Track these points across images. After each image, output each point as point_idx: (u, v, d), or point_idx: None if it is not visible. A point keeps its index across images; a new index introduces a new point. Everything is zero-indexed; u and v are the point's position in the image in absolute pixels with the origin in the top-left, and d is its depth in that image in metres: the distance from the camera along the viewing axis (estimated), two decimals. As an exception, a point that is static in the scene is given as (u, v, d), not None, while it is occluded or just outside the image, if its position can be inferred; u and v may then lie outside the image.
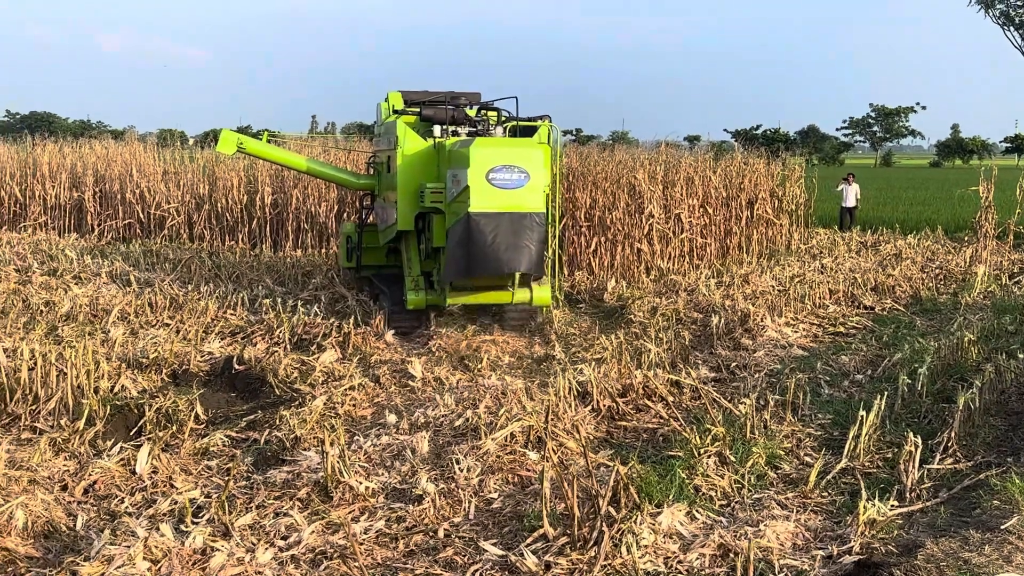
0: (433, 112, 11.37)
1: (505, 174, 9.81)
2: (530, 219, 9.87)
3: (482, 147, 9.96)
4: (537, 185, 9.95)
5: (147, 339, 10.21)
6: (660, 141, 21.29)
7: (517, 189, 9.82)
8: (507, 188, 9.80)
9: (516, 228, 9.81)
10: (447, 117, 11.31)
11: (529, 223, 9.86)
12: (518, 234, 9.80)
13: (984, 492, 6.25)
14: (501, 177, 9.80)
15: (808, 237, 21.59)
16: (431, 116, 11.33)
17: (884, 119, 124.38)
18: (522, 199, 9.86)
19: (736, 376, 9.61)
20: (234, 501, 5.99)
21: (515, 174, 9.84)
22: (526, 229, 9.83)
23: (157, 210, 20.22)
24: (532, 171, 9.92)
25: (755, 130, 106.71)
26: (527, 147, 10.23)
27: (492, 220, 9.78)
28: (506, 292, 10.65)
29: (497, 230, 9.77)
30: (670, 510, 5.72)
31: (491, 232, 9.76)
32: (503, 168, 9.81)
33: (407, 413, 7.85)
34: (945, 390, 8.63)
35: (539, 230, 9.92)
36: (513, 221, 9.81)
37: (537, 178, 9.96)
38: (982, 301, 14.12)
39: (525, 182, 9.86)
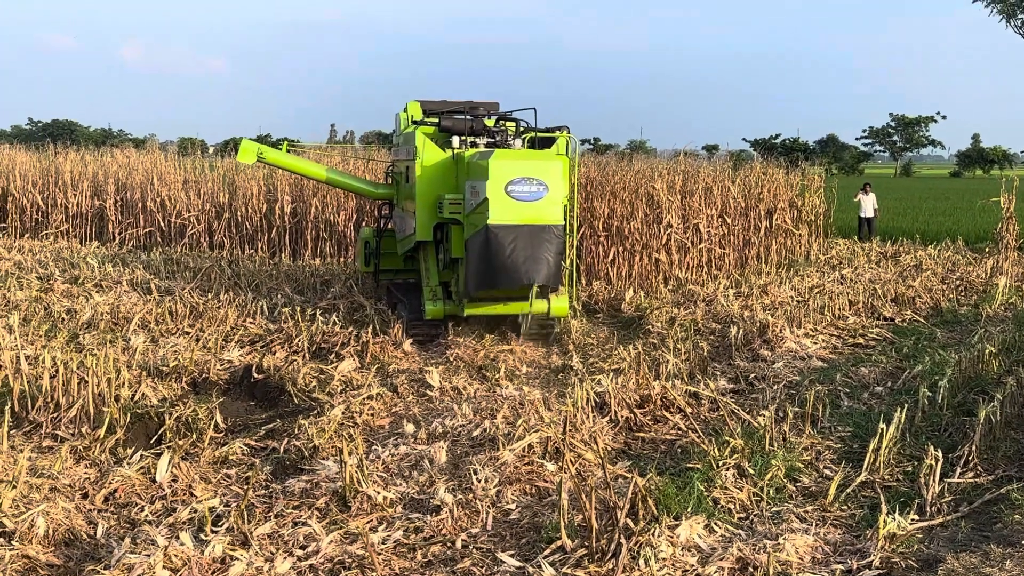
0: (452, 123, 11.37)
1: (524, 186, 9.86)
2: (549, 231, 9.93)
3: (501, 159, 10.00)
4: (555, 197, 10.00)
5: (167, 347, 10.27)
6: (678, 151, 21.30)
7: (536, 201, 9.89)
8: (526, 200, 9.86)
9: (534, 240, 9.86)
10: (466, 128, 11.31)
11: (548, 235, 9.91)
12: (536, 246, 9.85)
13: (1005, 506, 6.20)
14: (520, 189, 9.85)
15: (827, 247, 21.51)
16: (450, 127, 11.34)
17: (904, 129, 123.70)
18: (541, 211, 9.92)
19: (755, 387, 9.57)
20: (253, 510, 6.02)
21: (534, 186, 9.89)
22: (544, 241, 9.88)
23: (177, 218, 20.37)
24: (551, 183, 9.98)
25: (774, 139, 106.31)
26: (545, 159, 10.28)
27: (511, 232, 9.83)
28: (524, 303, 10.65)
29: (516, 242, 9.81)
30: (688, 523, 5.70)
31: (510, 244, 9.81)
32: (522, 180, 9.85)
33: (425, 423, 7.87)
34: (966, 403, 8.57)
35: (557, 242, 9.98)
36: (532, 233, 9.87)
37: (556, 190, 10.01)
38: (1003, 313, 14.01)
39: (544, 194, 9.93)
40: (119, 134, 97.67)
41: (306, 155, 18.23)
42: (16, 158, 23.71)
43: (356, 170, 19.59)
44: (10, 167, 22.65)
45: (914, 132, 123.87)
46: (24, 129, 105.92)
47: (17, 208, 21.95)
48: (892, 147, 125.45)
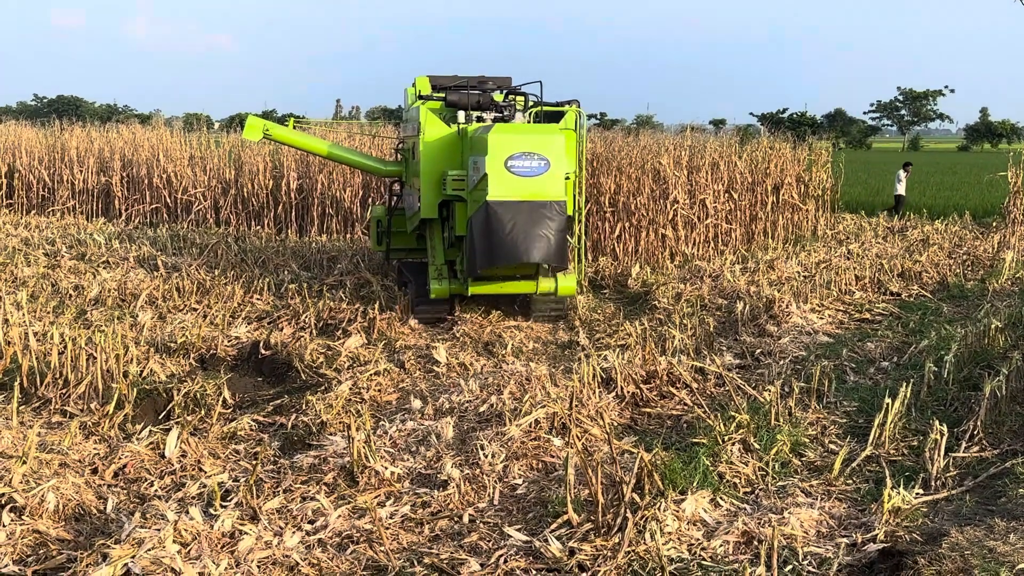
0: (458, 97, 11.17)
1: (524, 161, 9.68)
2: (550, 207, 9.69)
3: (501, 133, 9.82)
4: (557, 173, 9.80)
5: (175, 323, 10.31)
6: (685, 125, 21.21)
7: (537, 177, 9.71)
8: (526, 176, 9.69)
9: (535, 217, 9.64)
10: (472, 102, 11.15)
11: (549, 212, 9.68)
12: (537, 223, 9.64)
13: (1010, 480, 6.22)
14: (520, 164, 9.67)
15: (834, 222, 21.44)
16: (456, 102, 11.18)
17: (912, 102, 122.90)
18: (542, 187, 9.73)
19: (761, 363, 9.59)
20: (262, 485, 6.07)
21: (535, 161, 9.72)
22: (545, 218, 9.66)
23: (184, 195, 20.39)
24: (552, 158, 9.77)
25: (781, 114, 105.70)
26: (547, 133, 10.06)
27: (510, 209, 9.63)
28: (530, 282, 10.57)
29: (516, 219, 9.60)
30: (694, 497, 5.74)
31: (509, 221, 9.60)
32: (522, 155, 9.68)
33: (432, 399, 7.90)
34: (971, 378, 8.57)
35: (559, 219, 9.74)
36: (532, 210, 9.64)
37: (558, 165, 9.80)
38: (1010, 288, 13.97)
39: (545, 170, 9.74)
40: (124, 110, 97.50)
41: (311, 131, 18.19)
42: (22, 135, 23.71)
43: (362, 146, 19.56)
44: (16, 144, 22.67)
45: (922, 106, 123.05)
46: (29, 105, 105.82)
47: (23, 185, 21.98)
48: (900, 121, 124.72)
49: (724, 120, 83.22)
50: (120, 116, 67.39)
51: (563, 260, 10.02)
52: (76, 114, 58.40)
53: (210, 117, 62.00)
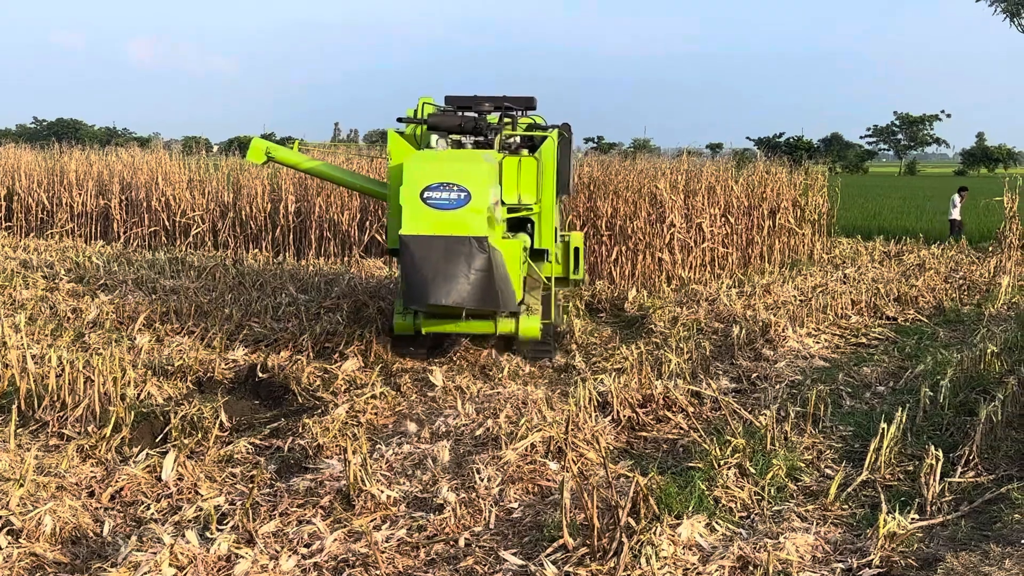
0: (438, 120, 10.21)
1: (442, 193, 8.73)
2: (467, 244, 8.64)
3: (417, 161, 9.01)
4: (479, 205, 8.72)
5: (172, 346, 10.32)
6: (682, 149, 21.33)
7: (455, 210, 8.71)
8: (443, 208, 8.72)
9: (450, 255, 8.64)
10: (451, 125, 10.20)
11: (465, 249, 8.63)
12: (452, 262, 8.63)
13: (1005, 506, 6.24)
14: (437, 196, 8.73)
15: (831, 246, 21.52)
16: (436, 124, 10.17)
17: (908, 127, 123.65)
18: (460, 221, 8.70)
19: (757, 387, 9.61)
20: (258, 508, 6.07)
21: (453, 193, 8.73)
22: (462, 256, 8.63)
23: (182, 218, 20.43)
24: (474, 189, 8.74)
25: (778, 138, 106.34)
26: (469, 162, 9.06)
27: (423, 245, 8.69)
28: (487, 322, 9.74)
29: (428, 256, 8.66)
30: (689, 522, 5.74)
31: (422, 258, 8.67)
32: (440, 186, 8.72)
33: (428, 422, 7.92)
34: (967, 403, 8.60)
35: (479, 257, 8.65)
36: (447, 246, 8.65)
37: (480, 197, 8.73)
38: (1006, 312, 14.02)
39: (465, 202, 8.72)
40: (123, 133, 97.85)
41: (311, 154, 18.27)
42: (21, 157, 23.78)
43: (360, 169, 19.65)
44: (15, 166, 22.73)
45: (918, 130, 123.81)
46: (29, 128, 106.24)
47: (22, 207, 22.02)
48: (896, 145, 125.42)
49: (721, 144, 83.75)
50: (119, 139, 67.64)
51: (489, 303, 8.94)
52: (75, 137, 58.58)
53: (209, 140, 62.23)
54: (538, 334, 10.04)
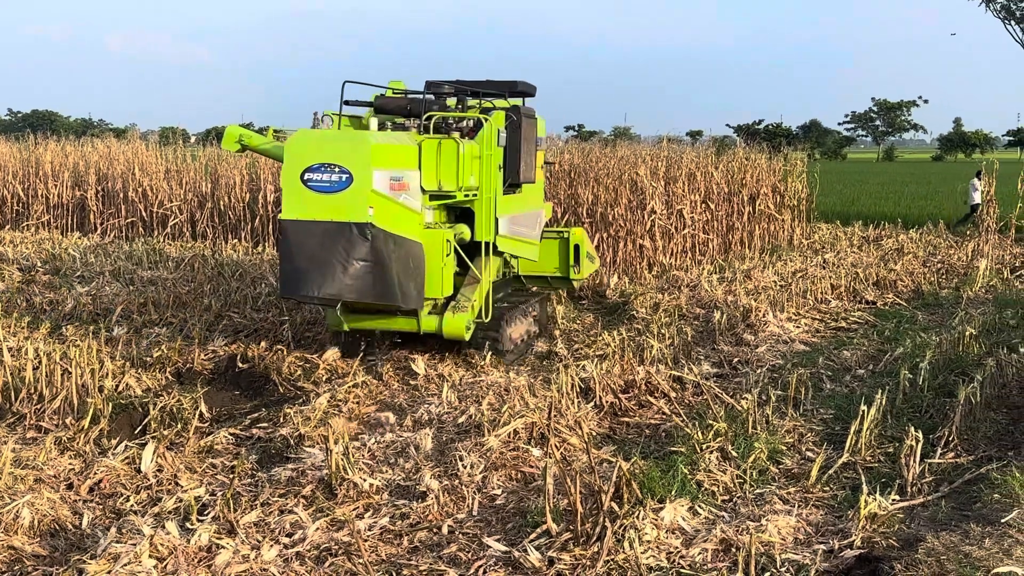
0: (384, 102, 9.69)
1: (322, 174, 8.15)
2: (348, 231, 8.07)
3: (298, 141, 8.43)
4: (362, 188, 8.11)
5: (151, 338, 10.25)
6: (662, 136, 21.33)
7: (336, 193, 8.11)
8: (323, 192, 8.15)
9: (329, 242, 8.10)
10: (397, 107, 9.62)
11: (348, 236, 8.07)
12: (330, 250, 8.08)
13: (985, 486, 6.28)
14: (317, 178, 8.16)
15: (810, 232, 21.62)
16: (381, 107, 9.69)
17: (886, 113, 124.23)
18: (341, 205, 8.11)
19: (738, 371, 9.64)
20: (239, 499, 6.03)
21: (334, 175, 8.13)
22: (342, 244, 8.08)
23: (159, 208, 20.28)
24: (356, 171, 8.10)
25: (757, 125, 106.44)
26: (351, 141, 8.43)
27: (302, 230, 8.17)
28: (410, 319, 9.13)
29: (306, 243, 8.15)
30: (672, 505, 5.75)
31: (300, 245, 8.17)
32: (320, 167, 8.14)
33: (410, 410, 7.89)
34: (946, 384, 8.66)
35: (361, 245, 8.09)
36: (326, 233, 8.10)
37: (363, 180, 8.11)
38: (983, 295, 14.13)
39: (347, 184, 8.11)
40: (100, 124, 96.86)
41: (288, 144, 18.13)
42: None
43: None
44: (-10, 159, 22.48)
45: (896, 116, 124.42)
46: (3, 120, 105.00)
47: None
48: (874, 132, 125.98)
49: (701, 131, 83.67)
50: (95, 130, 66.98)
51: (375, 296, 8.38)
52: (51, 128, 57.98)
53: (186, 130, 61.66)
54: (463, 333, 9.19)
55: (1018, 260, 17.88)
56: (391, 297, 8.44)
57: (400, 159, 8.63)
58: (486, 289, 9.55)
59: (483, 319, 9.41)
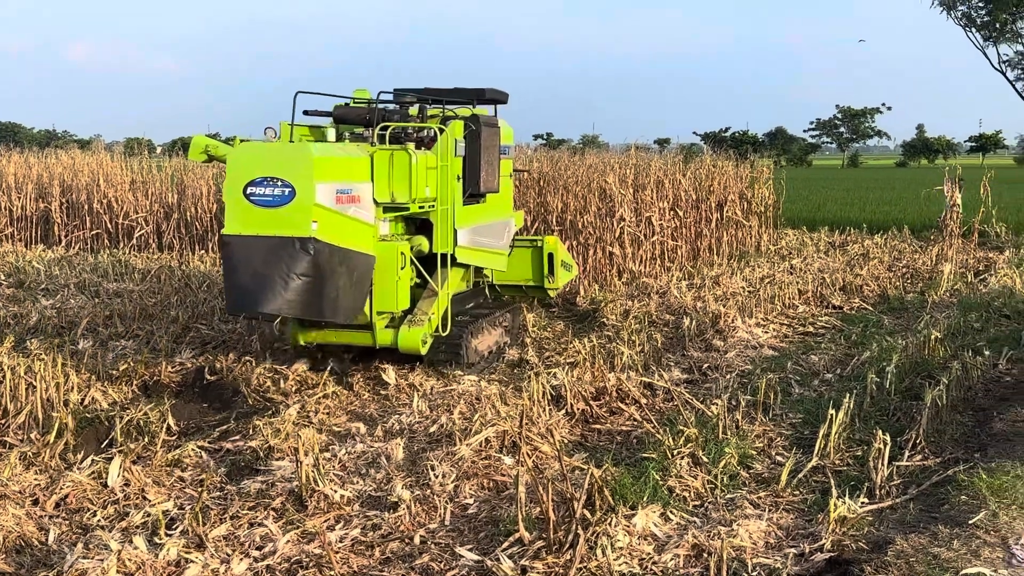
0: (343, 112, 9.55)
1: (265, 188, 7.96)
2: (291, 246, 7.89)
3: (240, 153, 8.28)
4: (305, 202, 7.94)
5: (117, 350, 10.13)
6: (630, 144, 21.44)
7: (279, 208, 7.94)
8: (265, 206, 7.97)
9: (271, 257, 7.89)
10: (356, 117, 9.49)
11: (289, 251, 7.89)
12: (273, 265, 7.88)
13: (952, 488, 6.35)
14: (260, 192, 7.97)
15: (777, 238, 21.80)
16: (340, 116, 9.57)
17: (850, 120, 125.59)
18: (284, 220, 7.94)
19: (708, 377, 9.69)
20: (208, 512, 5.96)
21: (277, 188, 7.94)
22: (284, 259, 7.88)
23: (125, 220, 20.07)
24: (299, 184, 7.93)
25: (724, 132, 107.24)
26: (294, 152, 8.18)
27: (245, 246, 7.98)
28: (365, 333, 9.01)
29: (249, 258, 7.96)
30: (644, 512, 5.76)
31: (242, 261, 7.99)
32: (263, 181, 7.95)
33: (381, 420, 7.86)
34: (913, 388, 8.76)
35: (304, 260, 7.91)
36: (269, 248, 7.90)
37: (306, 193, 7.94)
38: (948, 299, 14.31)
39: (290, 199, 7.93)
40: (64, 135, 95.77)
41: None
42: (-43, 161, 23.17)
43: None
44: (-50, 170, 22.13)
45: (860, 123, 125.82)
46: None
47: (-41, 212, 21.45)
48: (839, 138, 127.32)
49: (668, 139, 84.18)
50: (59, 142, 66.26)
51: (318, 312, 8.23)
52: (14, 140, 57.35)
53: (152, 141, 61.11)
54: (419, 347, 8.99)
55: (982, 264, 18.13)
56: (333, 313, 8.34)
57: (349, 171, 8.48)
58: (445, 302, 9.48)
59: (441, 332, 9.34)
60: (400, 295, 8.97)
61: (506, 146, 10.88)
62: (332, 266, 8.20)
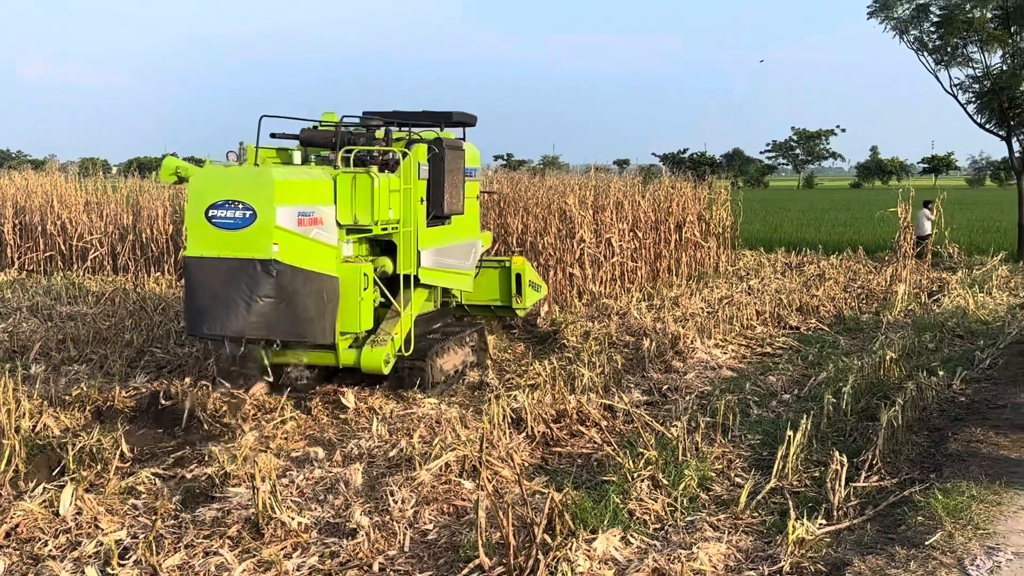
0: (308, 135, 9.69)
1: (226, 211, 8.16)
2: (252, 268, 8.07)
3: (202, 177, 8.51)
4: (266, 224, 8.12)
5: (70, 375, 9.95)
6: (590, 166, 21.57)
7: (240, 230, 8.13)
8: (227, 228, 8.15)
9: (232, 279, 8.09)
10: (322, 140, 9.63)
11: (252, 273, 8.07)
12: (234, 287, 8.09)
13: (909, 509, 6.42)
14: (221, 215, 8.17)
15: (735, 259, 22.02)
16: (306, 140, 9.69)
17: (806, 142, 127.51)
18: (244, 242, 8.12)
19: (668, 399, 9.72)
20: (162, 541, 5.86)
21: (238, 211, 8.13)
22: (245, 281, 8.07)
23: (79, 242, 19.78)
24: (260, 207, 8.11)
25: (682, 154, 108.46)
26: (255, 176, 8.34)
27: (206, 268, 8.19)
28: (329, 353, 9.11)
29: (210, 280, 8.17)
30: (605, 535, 5.75)
31: (204, 282, 8.20)
32: (224, 204, 8.16)
33: (340, 445, 7.78)
34: (869, 408, 8.85)
35: (266, 282, 8.12)
36: (230, 270, 8.10)
37: (266, 216, 8.12)
38: (903, 320, 14.52)
39: (251, 221, 8.12)
40: (17, 155, 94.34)
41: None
42: (-95, 182, 22.70)
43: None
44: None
45: (815, 145, 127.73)
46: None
47: (-93, 233, 21.01)
48: (795, 160, 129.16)
49: (628, 160, 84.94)
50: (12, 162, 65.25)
51: (280, 332, 8.41)
52: (-35, 160, 56.41)
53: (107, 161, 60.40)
54: (382, 367, 9.06)
55: (935, 285, 18.43)
56: (295, 333, 8.48)
57: (311, 194, 8.61)
58: (409, 323, 9.50)
59: (404, 352, 9.36)
60: (363, 315, 9.01)
61: (472, 168, 10.97)
62: (295, 287, 8.30)
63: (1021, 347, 12.36)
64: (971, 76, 23.80)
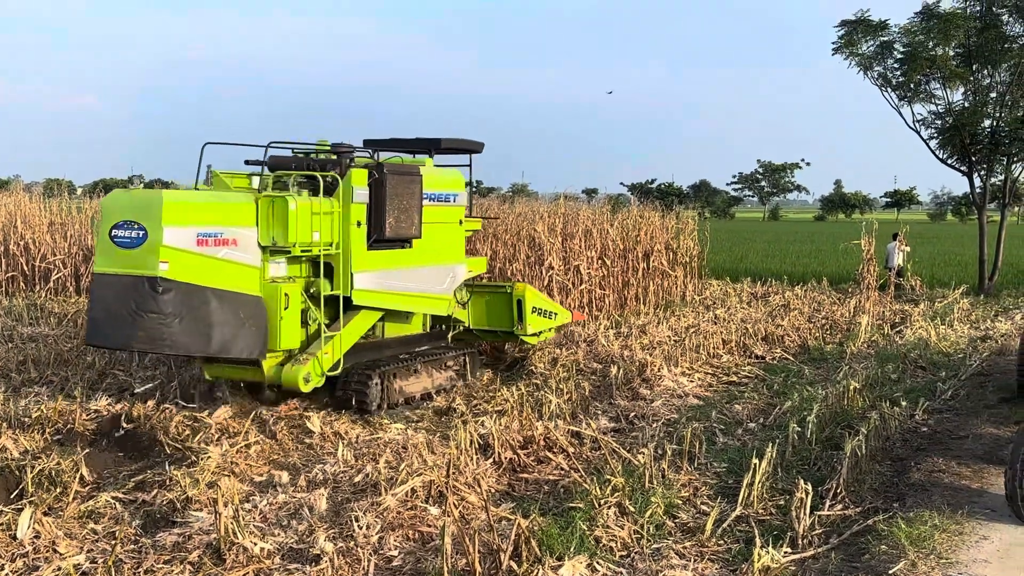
0: (276, 162, 10.02)
1: (125, 231, 8.61)
2: (141, 284, 8.44)
3: (110, 198, 9.02)
4: (154, 243, 8.45)
5: (30, 397, 9.79)
6: (559, 194, 21.68)
7: (134, 249, 8.56)
8: (125, 247, 8.59)
9: (123, 294, 8.52)
10: (288, 165, 9.95)
11: (140, 289, 8.43)
12: (123, 302, 8.50)
13: (872, 537, 6.46)
14: (121, 234, 8.61)
15: (702, 288, 22.18)
16: (273, 166, 10.00)
17: (771, 174, 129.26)
18: (137, 260, 8.52)
19: (635, 426, 9.73)
20: (121, 566, 5.76)
21: (134, 231, 8.58)
22: (134, 296, 8.45)
23: (42, 262, 19.52)
24: (151, 227, 8.49)
25: (650, 184, 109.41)
26: (146, 198, 8.84)
27: (105, 283, 8.68)
28: (255, 368, 9.37)
29: (106, 295, 8.66)
30: (571, 563, 5.73)
31: (101, 297, 8.71)
32: (124, 224, 8.62)
33: (305, 470, 7.70)
34: (833, 437, 8.92)
35: (152, 299, 8.42)
36: (123, 286, 8.54)
37: (156, 235, 8.46)
38: (866, 350, 14.68)
39: (143, 240, 8.52)
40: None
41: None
42: None
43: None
44: None
45: (780, 178, 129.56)
46: None
47: None
48: (760, 192, 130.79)
49: (596, 189, 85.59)
50: (-26, 180, 64.42)
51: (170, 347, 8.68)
52: (-74, 178, 55.56)
53: (72, 182, 59.84)
54: (300, 385, 9.22)
55: (897, 316, 18.67)
56: (181, 348, 8.79)
57: (221, 216, 8.94)
58: (343, 344, 9.75)
59: (331, 373, 9.58)
60: (283, 334, 9.21)
61: (451, 194, 11.01)
62: (191, 305, 8.64)
63: (982, 379, 12.55)
64: (934, 112, 24.27)
